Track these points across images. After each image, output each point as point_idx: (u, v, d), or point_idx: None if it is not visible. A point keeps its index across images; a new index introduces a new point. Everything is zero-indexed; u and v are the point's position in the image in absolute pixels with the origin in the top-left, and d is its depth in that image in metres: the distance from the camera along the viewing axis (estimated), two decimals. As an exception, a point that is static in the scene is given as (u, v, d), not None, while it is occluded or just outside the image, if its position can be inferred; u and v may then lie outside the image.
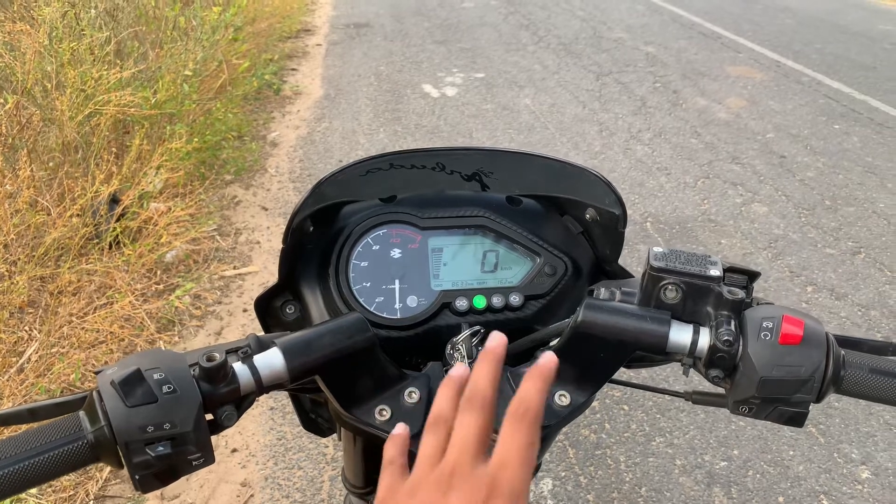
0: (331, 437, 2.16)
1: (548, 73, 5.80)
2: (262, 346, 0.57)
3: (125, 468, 0.49)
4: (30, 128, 3.00)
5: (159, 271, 2.90)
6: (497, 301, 0.72)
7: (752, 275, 0.58)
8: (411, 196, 0.77)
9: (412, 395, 0.62)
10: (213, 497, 1.98)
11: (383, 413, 0.60)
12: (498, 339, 0.50)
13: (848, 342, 0.59)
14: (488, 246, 0.75)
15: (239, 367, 0.54)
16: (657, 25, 7.49)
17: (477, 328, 0.66)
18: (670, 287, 0.57)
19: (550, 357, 0.48)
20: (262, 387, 0.55)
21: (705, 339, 0.56)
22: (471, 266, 0.74)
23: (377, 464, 0.82)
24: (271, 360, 0.55)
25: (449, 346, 0.65)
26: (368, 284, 0.72)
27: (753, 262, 3.12)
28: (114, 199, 2.94)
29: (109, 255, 2.84)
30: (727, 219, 3.52)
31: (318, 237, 0.75)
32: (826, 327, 0.56)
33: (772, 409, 0.56)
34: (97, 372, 0.51)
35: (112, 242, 2.88)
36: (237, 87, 4.89)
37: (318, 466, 2.07)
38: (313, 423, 0.84)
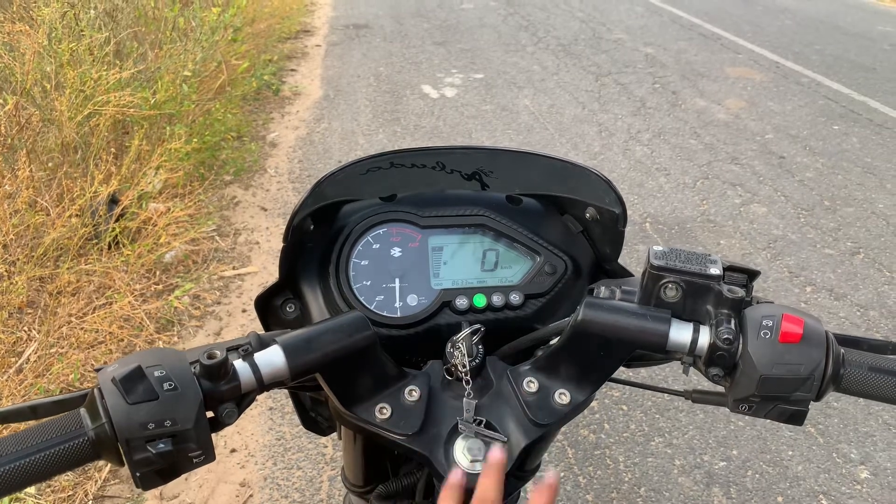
0: (330, 438, 2.17)
1: (547, 74, 5.81)
2: (263, 344, 0.57)
3: (126, 465, 0.49)
4: (29, 128, 3.00)
5: (158, 272, 2.90)
6: (497, 300, 0.72)
7: (752, 273, 0.58)
8: (411, 195, 0.77)
9: (412, 394, 0.62)
10: (212, 497, 1.98)
11: (383, 411, 0.60)
12: (499, 452, 0.56)
13: (847, 341, 0.59)
14: (488, 245, 0.75)
15: (240, 365, 0.54)
16: (656, 26, 7.50)
17: (477, 326, 0.65)
18: (670, 286, 0.57)
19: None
20: (263, 384, 0.55)
21: (705, 338, 0.56)
22: (471, 265, 0.74)
23: (377, 463, 0.82)
24: (272, 358, 0.55)
25: (449, 345, 0.65)
26: (369, 283, 0.72)
27: (753, 263, 3.12)
28: (113, 200, 2.93)
29: (108, 256, 2.84)
30: (726, 219, 3.52)
31: (319, 236, 0.75)
32: (826, 326, 0.56)
33: (772, 408, 0.56)
34: (98, 369, 0.51)
35: (111, 243, 2.87)
36: (236, 88, 4.89)
37: (318, 467, 2.07)
38: (313, 422, 0.85)
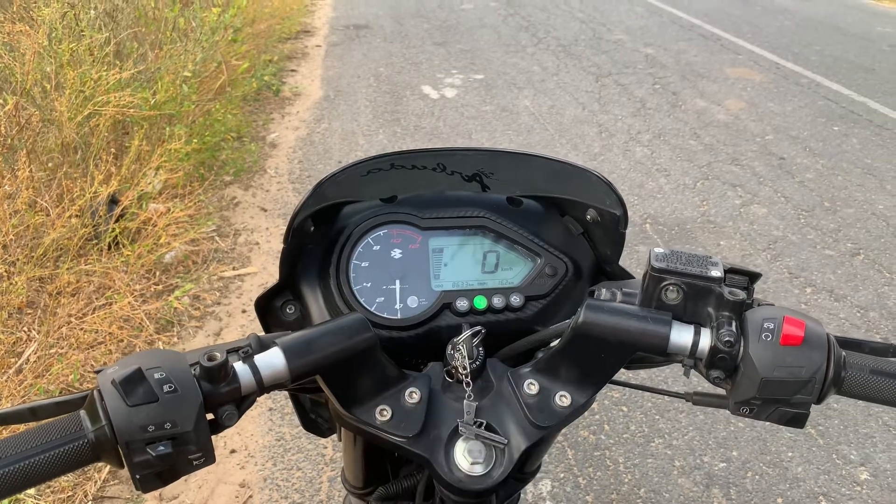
0: (330, 439, 2.16)
1: (547, 75, 5.81)
2: (263, 346, 0.57)
3: (126, 468, 0.49)
4: (29, 128, 3.00)
5: (158, 272, 2.90)
6: (498, 301, 0.72)
7: (753, 276, 0.58)
8: (412, 196, 0.77)
9: (413, 396, 0.61)
10: (212, 498, 1.98)
11: (384, 413, 0.60)
12: None
13: (849, 343, 0.59)
14: (489, 246, 0.75)
15: (240, 367, 0.54)
16: (656, 27, 7.50)
17: (477, 328, 0.65)
18: (671, 288, 0.57)
19: None
20: (263, 386, 0.54)
21: (706, 340, 0.56)
22: (471, 266, 0.74)
23: (377, 464, 0.82)
24: (272, 360, 0.55)
25: (450, 347, 0.65)
26: (369, 285, 0.72)
27: (753, 264, 3.12)
28: (113, 200, 2.93)
29: (108, 256, 2.84)
30: (726, 220, 3.52)
31: (319, 237, 0.75)
32: (826, 328, 0.56)
33: (773, 410, 0.56)
34: (98, 371, 0.50)
35: (111, 243, 2.87)
36: (236, 88, 4.89)
37: (317, 467, 2.07)
38: (313, 424, 0.84)
